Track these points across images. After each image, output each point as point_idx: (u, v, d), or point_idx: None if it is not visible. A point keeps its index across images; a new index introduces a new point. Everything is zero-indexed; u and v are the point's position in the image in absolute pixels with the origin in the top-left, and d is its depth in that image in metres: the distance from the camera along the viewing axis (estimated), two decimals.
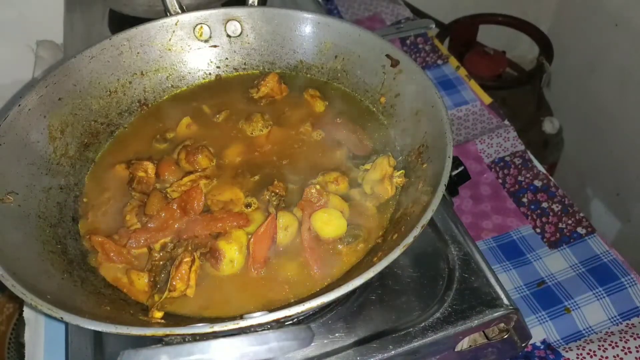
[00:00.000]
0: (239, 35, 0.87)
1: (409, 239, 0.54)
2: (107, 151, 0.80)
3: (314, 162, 0.76)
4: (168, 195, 0.70)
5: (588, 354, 0.85)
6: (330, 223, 0.66)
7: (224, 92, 0.87)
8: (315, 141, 0.78)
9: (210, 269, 0.64)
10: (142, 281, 0.63)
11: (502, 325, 0.67)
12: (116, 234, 0.67)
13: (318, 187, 0.68)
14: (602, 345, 0.86)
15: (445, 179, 0.59)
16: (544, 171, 1.14)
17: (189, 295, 0.62)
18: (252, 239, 0.64)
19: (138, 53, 0.83)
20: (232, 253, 0.64)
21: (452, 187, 0.82)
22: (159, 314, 0.59)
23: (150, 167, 0.74)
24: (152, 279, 0.63)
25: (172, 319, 0.60)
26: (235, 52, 0.88)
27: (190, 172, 0.73)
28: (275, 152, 0.77)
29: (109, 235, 0.67)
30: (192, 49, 0.86)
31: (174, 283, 0.60)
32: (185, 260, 0.61)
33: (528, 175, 1.13)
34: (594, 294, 0.93)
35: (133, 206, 0.70)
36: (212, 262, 0.64)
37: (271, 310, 0.50)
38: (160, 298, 0.60)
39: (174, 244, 0.65)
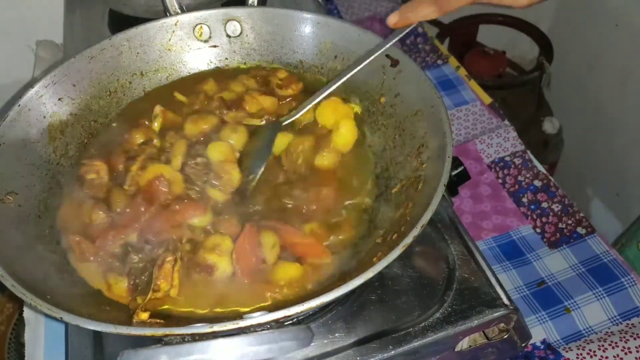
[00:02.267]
0: (238, 36, 0.87)
1: (409, 239, 0.54)
2: None
3: None
4: (127, 190, 0.68)
5: (588, 354, 0.85)
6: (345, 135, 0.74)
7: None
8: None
9: None
10: (120, 285, 0.62)
11: (502, 325, 0.67)
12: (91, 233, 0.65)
13: None
14: (602, 345, 0.86)
15: (445, 179, 0.59)
16: (544, 171, 1.13)
17: (173, 296, 0.61)
18: (234, 256, 0.62)
19: (138, 53, 0.83)
20: (224, 264, 0.62)
21: (452, 187, 0.82)
22: (144, 315, 0.58)
23: (102, 167, 0.71)
24: (132, 282, 0.62)
25: (172, 319, 0.60)
26: (235, 52, 0.88)
27: (134, 157, 0.70)
28: None
29: (86, 234, 0.65)
30: (191, 49, 0.86)
31: (158, 283, 0.59)
32: (168, 259, 0.61)
33: (528, 175, 1.13)
34: (594, 294, 0.93)
35: (90, 205, 0.67)
36: (204, 276, 0.62)
37: (271, 310, 0.50)
38: (144, 300, 0.59)
39: (152, 245, 0.64)
